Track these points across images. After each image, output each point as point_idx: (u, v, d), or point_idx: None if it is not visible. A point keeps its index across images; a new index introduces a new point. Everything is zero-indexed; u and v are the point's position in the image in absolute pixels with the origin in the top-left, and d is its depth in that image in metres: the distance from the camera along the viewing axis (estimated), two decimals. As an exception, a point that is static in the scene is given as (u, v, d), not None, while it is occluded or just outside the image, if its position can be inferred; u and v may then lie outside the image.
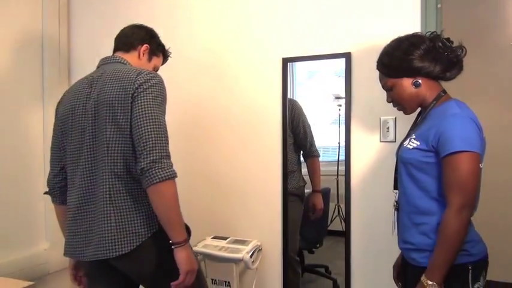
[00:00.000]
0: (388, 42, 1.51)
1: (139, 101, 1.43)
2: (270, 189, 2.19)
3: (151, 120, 1.42)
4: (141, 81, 1.45)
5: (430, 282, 1.31)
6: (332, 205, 2.29)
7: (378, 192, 1.95)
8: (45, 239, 2.49)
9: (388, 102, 1.54)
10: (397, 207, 1.52)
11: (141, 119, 1.41)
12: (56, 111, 1.65)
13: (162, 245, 1.45)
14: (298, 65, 2.22)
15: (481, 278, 1.38)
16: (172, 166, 1.42)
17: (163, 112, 1.48)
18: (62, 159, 1.61)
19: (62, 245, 2.64)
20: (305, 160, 2.32)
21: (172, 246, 1.43)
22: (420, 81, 1.43)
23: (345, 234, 2.04)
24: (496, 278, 3.49)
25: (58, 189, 1.64)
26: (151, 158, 1.38)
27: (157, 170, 1.37)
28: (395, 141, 1.91)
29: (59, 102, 1.66)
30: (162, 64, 1.78)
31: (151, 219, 1.47)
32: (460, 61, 1.44)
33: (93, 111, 1.49)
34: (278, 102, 2.17)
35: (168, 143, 1.44)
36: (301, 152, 2.33)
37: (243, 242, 2.14)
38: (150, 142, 1.39)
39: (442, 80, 1.47)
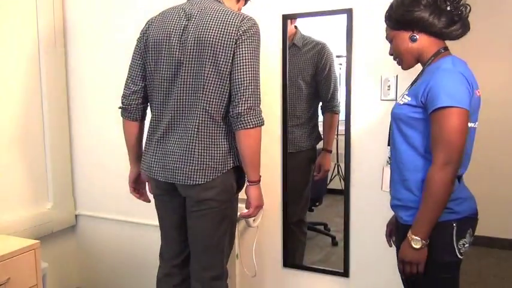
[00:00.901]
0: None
1: (242, 48, 1.53)
2: (269, 148, 2.19)
3: (251, 69, 1.54)
4: (244, 28, 1.54)
5: (415, 237, 1.34)
6: (332, 164, 2.30)
7: (377, 151, 1.95)
8: (49, 198, 2.52)
9: (390, 54, 1.53)
10: (389, 163, 1.54)
11: (243, 66, 1.53)
12: (145, 32, 1.69)
13: (230, 183, 1.66)
14: (298, 23, 2.17)
15: (467, 235, 1.41)
16: (262, 113, 1.58)
17: (259, 61, 1.60)
18: (143, 79, 1.71)
19: (65, 204, 2.70)
20: (323, 114, 2.26)
21: (248, 183, 1.65)
22: (417, 36, 1.42)
23: (344, 193, 2.07)
24: (487, 233, 3.59)
25: (135, 106, 1.74)
26: (249, 104, 1.52)
27: (251, 117, 1.53)
28: (396, 100, 1.90)
29: (148, 24, 1.70)
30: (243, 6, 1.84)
31: (228, 158, 1.62)
32: (463, 19, 1.40)
33: (192, 47, 1.57)
34: (278, 60, 2.14)
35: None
36: (320, 104, 2.25)
37: (243, 201, 2.16)
38: (250, 89, 1.53)
39: (445, 38, 1.44)
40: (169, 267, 1.82)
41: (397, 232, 1.56)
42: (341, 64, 2.08)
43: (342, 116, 2.09)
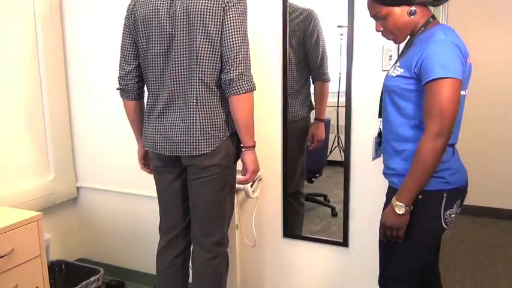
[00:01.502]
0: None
1: (230, 16, 1.55)
2: (269, 117, 2.18)
3: (241, 35, 1.56)
4: None
5: (399, 203, 1.37)
6: (332, 136, 2.29)
7: (378, 122, 1.94)
8: (50, 171, 2.53)
9: (378, 31, 1.48)
10: (380, 135, 1.55)
11: (233, 33, 1.54)
12: (132, 10, 1.69)
13: (231, 149, 1.70)
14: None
15: (455, 205, 1.42)
16: (253, 79, 1.60)
17: (247, 27, 1.61)
18: (136, 57, 1.72)
19: (67, 177, 2.72)
20: (313, 83, 2.23)
21: (243, 149, 1.68)
22: (416, 9, 1.40)
23: (344, 164, 2.07)
24: (485, 204, 3.63)
25: (132, 85, 1.76)
26: (240, 70, 1.55)
27: (243, 82, 1.56)
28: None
29: (134, 1, 1.69)
30: None
31: (227, 124, 1.67)
32: None
33: (182, 19, 1.57)
34: (278, 26, 2.08)
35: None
36: (311, 75, 2.20)
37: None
38: (240, 55, 1.55)
39: (433, 6, 1.44)
40: (168, 239, 1.85)
41: (388, 195, 1.58)
42: (342, 34, 2.04)
43: (342, 87, 2.06)
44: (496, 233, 3.40)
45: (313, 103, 2.26)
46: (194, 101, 1.61)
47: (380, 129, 1.56)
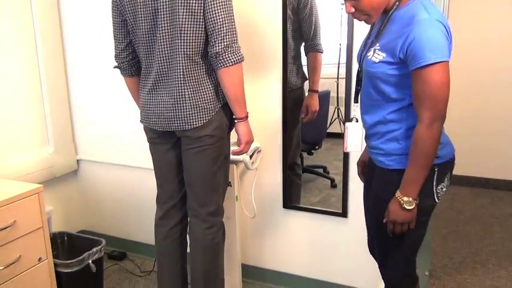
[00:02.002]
0: None
1: None
2: (269, 87, 2.16)
3: (224, 6, 1.53)
4: None
5: (406, 199, 1.33)
6: (331, 108, 2.28)
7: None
8: (50, 144, 2.53)
9: (350, 13, 1.39)
10: (356, 120, 1.53)
11: (216, 5, 1.52)
12: None
13: (223, 120, 1.70)
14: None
15: (445, 179, 1.42)
16: (240, 50, 1.58)
17: None
18: (127, 34, 1.72)
19: (66, 149, 2.72)
20: (306, 54, 2.19)
21: (236, 121, 1.68)
22: None
23: (344, 136, 2.06)
24: (482, 174, 3.65)
25: (127, 62, 1.78)
26: (225, 42, 1.54)
27: (230, 54, 1.55)
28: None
29: None
30: None
31: (217, 96, 1.67)
32: None
33: None
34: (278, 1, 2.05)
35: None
36: (303, 45, 2.16)
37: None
38: (224, 27, 1.53)
39: None
40: (165, 210, 1.88)
41: (372, 173, 1.56)
42: (343, 4, 1.99)
43: (343, 59, 2.04)
44: (492, 203, 3.44)
45: (306, 74, 2.23)
46: (181, 76, 1.61)
47: (355, 115, 1.53)
